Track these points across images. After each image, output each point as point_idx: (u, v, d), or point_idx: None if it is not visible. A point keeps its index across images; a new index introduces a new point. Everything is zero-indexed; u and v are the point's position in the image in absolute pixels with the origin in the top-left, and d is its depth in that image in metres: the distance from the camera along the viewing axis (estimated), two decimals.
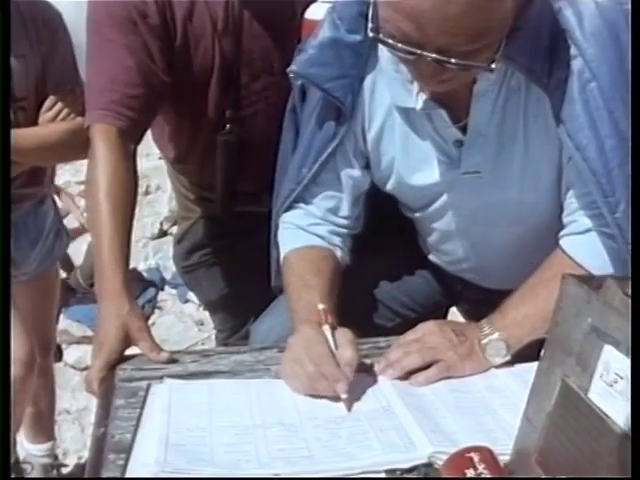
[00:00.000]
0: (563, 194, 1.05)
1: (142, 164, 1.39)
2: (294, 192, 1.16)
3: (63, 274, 3.09)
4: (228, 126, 1.45)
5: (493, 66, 0.87)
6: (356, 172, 1.16)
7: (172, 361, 1.08)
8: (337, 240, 1.17)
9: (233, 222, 1.57)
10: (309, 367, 0.93)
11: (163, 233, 4.47)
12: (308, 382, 0.93)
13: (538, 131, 1.01)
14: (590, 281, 0.71)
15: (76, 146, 1.55)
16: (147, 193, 5.04)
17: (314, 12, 1.15)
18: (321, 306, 1.01)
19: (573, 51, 0.94)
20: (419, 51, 0.84)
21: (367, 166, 1.16)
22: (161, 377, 1.04)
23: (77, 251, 3.43)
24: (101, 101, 1.29)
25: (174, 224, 4.44)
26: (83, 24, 1.38)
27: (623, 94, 0.94)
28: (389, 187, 1.15)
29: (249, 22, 1.40)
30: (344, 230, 1.19)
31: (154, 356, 1.08)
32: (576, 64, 0.94)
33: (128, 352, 1.11)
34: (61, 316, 2.86)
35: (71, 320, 3.31)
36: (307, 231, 1.16)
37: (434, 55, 0.84)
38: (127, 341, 1.10)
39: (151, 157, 4.10)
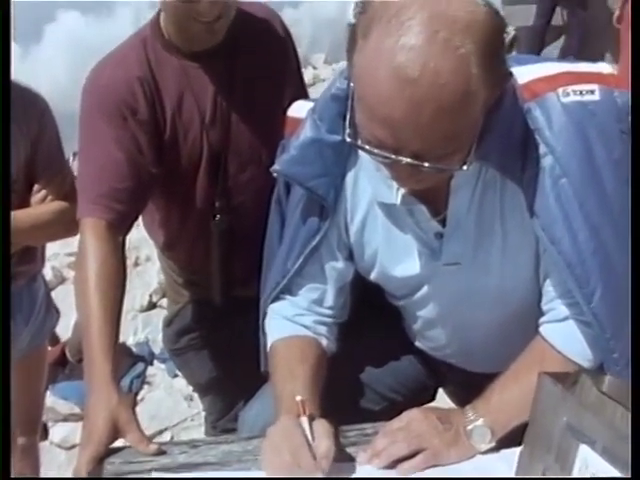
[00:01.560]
0: (541, 281, 1.09)
1: (131, 235, 1.42)
2: (280, 284, 1.19)
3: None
4: (218, 217, 1.49)
5: (465, 167, 0.91)
6: (340, 264, 1.19)
7: (160, 453, 1.09)
8: (323, 329, 1.20)
9: (222, 306, 1.60)
10: (286, 457, 0.94)
11: (152, 305, 4.47)
12: (285, 473, 0.94)
13: (515, 222, 1.05)
14: (565, 378, 0.74)
15: (67, 225, 1.60)
16: (136, 264, 5.06)
17: (296, 110, 1.19)
18: (299, 398, 1.03)
19: (543, 149, 0.99)
20: (394, 156, 0.88)
21: (351, 257, 1.19)
22: (149, 470, 1.04)
23: (64, 326, 3.43)
24: (91, 194, 1.33)
25: (163, 296, 4.45)
26: (74, 93, 1.43)
27: (593, 188, 0.99)
28: (373, 277, 1.19)
29: (237, 114, 1.46)
30: (329, 319, 1.21)
31: (142, 448, 1.08)
32: (547, 161, 0.99)
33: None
34: (47, 393, 2.84)
35: (58, 397, 3.27)
36: (293, 321, 1.19)
37: (409, 160, 0.88)
38: (115, 433, 1.10)
39: (140, 227, 4.14)
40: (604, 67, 1.05)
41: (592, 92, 0.99)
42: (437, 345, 1.26)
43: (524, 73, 1.01)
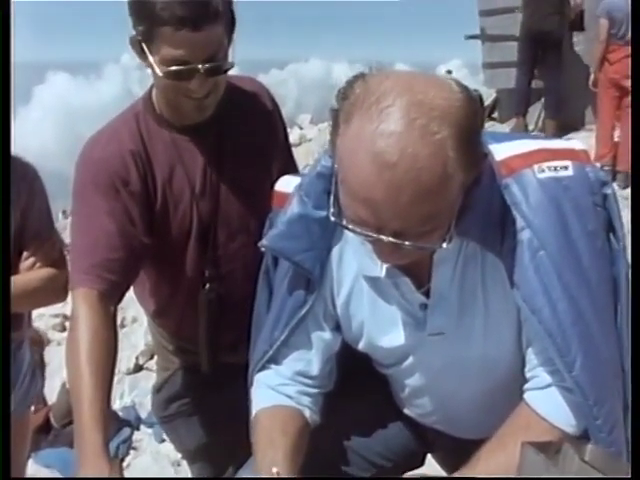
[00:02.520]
0: (524, 349, 1.11)
1: None
2: (267, 354, 1.21)
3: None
4: (208, 285, 1.52)
5: (444, 245, 0.96)
6: (327, 334, 1.22)
7: None
8: (306, 400, 1.21)
9: (211, 373, 1.60)
10: None
11: (139, 368, 4.44)
12: None
13: (496, 293, 1.09)
14: (548, 447, 0.76)
15: (55, 291, 1.63)
16: (123, 326, 5.04)
17: (284, 184, 1.24)
18: (275, 469, 1.05)
19: (521, 223, 1.03)
20: (376, 235, 0.92)
21: (338, 328, 1.22)
22: None
23: (50, 389, 3.39)
24: (83, 265, 1.36)
25: (151, 358, 4.42)
26: (62, 153, 1.46)
27: (570, 259, 1.03)
28: (360, 347, 1.21)
29: (226, 185, 1.51)
30: (314, 389, 1.23)
31: None
32: (525, 234, 1.03)
33: None
34: (29, 461, 2.79)
35: (40, 465, 3.20)
36: (277, 391, 1.21)
37: (390, 238, 0.92)
38: None
39: None
40: (576, 144, 1.10)
41: (566, 168, 1.04)
42: (424, 412, 1.28)
43: (501, 150, 1.06)
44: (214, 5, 1.32)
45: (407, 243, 0.92)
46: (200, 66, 1.33)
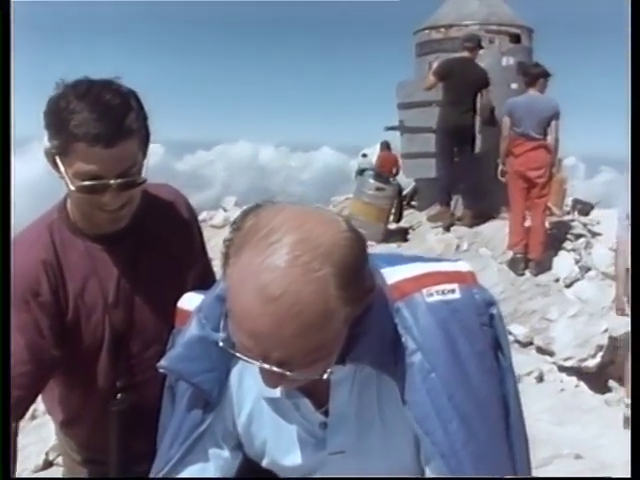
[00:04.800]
0: (423, 464, 1.14)
1: None
2: (162, 471, 1.21)
3: None
4: (119, 395, 1.51)
5: (325, 376, 1.00)
6: (225, 453, 1.22)
7: None
8: None
9: None
10: None
11: (49, 464, 4.20)
12: None
13: (393, 412, 1.12)
14: None
15: None
16: (33, 417, 4.78)
17: (186, 302, 1.26)
18: None
19: (413, 346, 1.08)
20: (261, 363, 0.96)
21: (239, 446, 1.23)
22: None
23: None
24: None
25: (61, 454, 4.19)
26: None
27: (460, 380, 1.08)
28: (264, 464, 1.22)
29: (140, 295, 1.52)
30: None
31: None
32: (416, 357, 1.08)
33: None
34: None
35: None
36: None
37: (274, 368, 0.96)
38: None
39: None
40: (463, 265, 1.17)
41: (453, 291, 1.11)
42: None
43: (393, 274, 1.12)
44: (128, 122, 1.36)
45: (289, 373, 0.96)
46: (113, 181, 1.36)
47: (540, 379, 5.18)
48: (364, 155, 13.66)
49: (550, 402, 4.78)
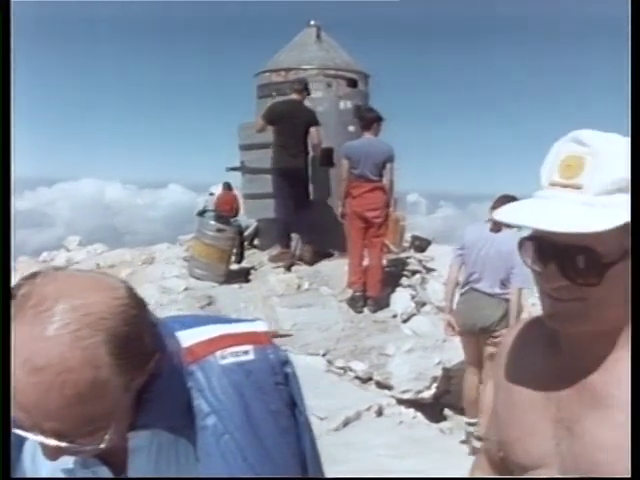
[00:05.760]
0: None
1: None
2: None
3: None
4: None
5: (103, 446, 0.97)
6: None
7: None
8: None
9: None
10: None
11: None
12: None
13: (192, 473, 1.08)
14: None
15: None
16: None
17: None
18: None
19: (207, 408, 1.06)
20: (36, 435, 0.92)
21: None
22: None
23: None
24: None
25: None
26: None
27: (254, 441, 1.07)
28: None
29: None
30: None
31: None
32: (211, 420, 1.06)
33: None
34: None
35: None
36: None
37: (52, 439, 0.92)
38: None
39: None
40: (259, 326, 1.18)
41: (247, 352, 1.11)
42: None
43: (187, 337, 1.10)
44: None
45: (65, 445, 0.93)
46: None
47: (379, 413, 5.32)
48: (211, 194, 13.62)
49: (389, 436, 4.92)
